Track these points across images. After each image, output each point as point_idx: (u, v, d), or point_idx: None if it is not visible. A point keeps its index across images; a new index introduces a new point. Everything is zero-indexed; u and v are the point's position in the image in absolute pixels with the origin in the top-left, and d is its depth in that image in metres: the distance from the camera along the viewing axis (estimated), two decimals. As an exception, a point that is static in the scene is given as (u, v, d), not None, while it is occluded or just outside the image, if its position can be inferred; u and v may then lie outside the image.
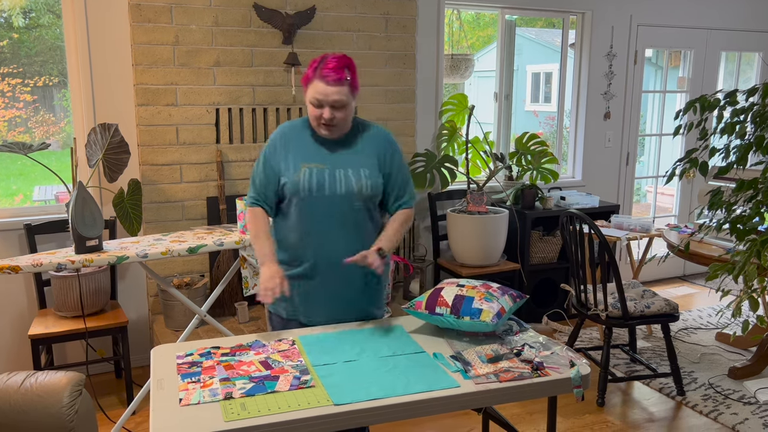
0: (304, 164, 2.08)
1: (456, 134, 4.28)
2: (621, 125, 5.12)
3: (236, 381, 1.70)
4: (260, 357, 1.85)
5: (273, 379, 1.72)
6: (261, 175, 2.14)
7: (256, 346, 1.93)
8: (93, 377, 3.65)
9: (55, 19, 3.53)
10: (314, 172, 2.06)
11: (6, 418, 1.89)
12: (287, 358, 1.84)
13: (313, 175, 2.06)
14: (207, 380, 1.71)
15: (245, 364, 1.81)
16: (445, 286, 2.13)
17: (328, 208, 2.07)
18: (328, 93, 1.97)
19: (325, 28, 3.82)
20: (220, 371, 1.76)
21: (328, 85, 1.97)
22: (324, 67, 1.98)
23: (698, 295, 5.16)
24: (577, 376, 1.78)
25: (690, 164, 2.00)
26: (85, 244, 2.62)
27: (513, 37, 4.68)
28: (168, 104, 3.52)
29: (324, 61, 1.99)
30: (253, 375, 1.74)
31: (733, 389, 3.48)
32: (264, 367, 1.79)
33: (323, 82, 1.97)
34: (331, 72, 1.97)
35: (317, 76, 1.98)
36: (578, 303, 3.46)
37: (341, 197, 2.07)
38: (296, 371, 1.76)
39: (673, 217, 5.65)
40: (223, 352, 1.88)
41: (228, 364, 1.80)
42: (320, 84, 1.98)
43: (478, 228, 3.98)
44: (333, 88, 1.97)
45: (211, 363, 1.81)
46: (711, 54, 5.41)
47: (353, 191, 2.07)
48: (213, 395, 1.63)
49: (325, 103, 1.99)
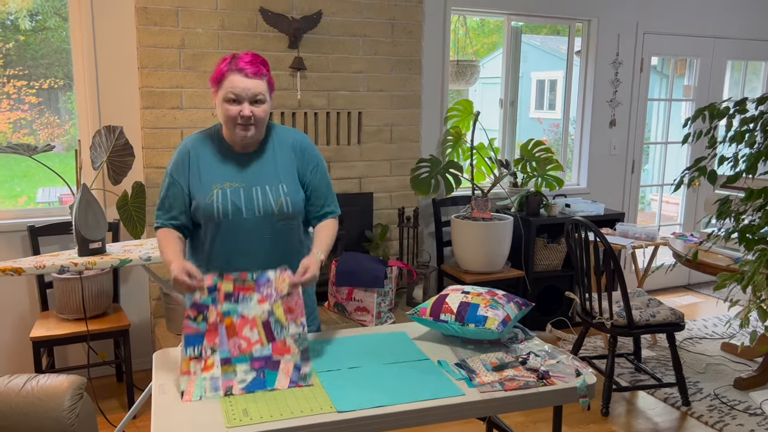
0: (216, 185, 1.89)
1: (461, 140, 4.26)
2: (626, 133, 5.11)
3: (237, 364, 1.67)
4: (264, 308, 1.75)
5: (274, 367, 1.69)
6: (167, 194, 1.94)
7: (262, 281, 1.77)
8: (94, 380, 3.63)
9: (62, 21, 3.54)
10: (228, 192, 1.88)
11: (7, 421, 1.87)
12: (291, 317, 1.75)
13: (227, 196, 1.88)
14: (209, 354, 1.68)
15: (248, 322, 1.73)
16: (450, 293, 2.11)
17: (247, 233, 1.89)
18: (248, 86, 1.82)
19: (331, 32, 3.82)
20: (221, 339, 1.70)
21: (247, 78, 1.82)
22: (239, 61, 1.84)
23: (703, 305, 5.12)
24: (583, 385, 1.76)
25: (698, 172, 1.98)
26: (89, 246, 2.62)
27: (519, 44, 4.67)
28: (173, 107, 3.52)
29: (237, 57, 1.86)
30: (254, 354, 1.70)
31: (738, 400, 3.44)
32: (266, 337, 1.72)
33: (241, 75, 1.82)
34: (248, 65, 1.84)
35: (232, 70, 1.83)
36: (583, 311, 3.44)
37: (260, 219, 1.90)
38: (297, 351, 1.73)
39: (678, 225, 5.62)
40: (227, 292, 1.74)
41: (230, 322, 1.72)
42: (238, 77, 1.82)
43: (483, 234, 3.96)
44: (252, 81, 1.83)
45: (215, 314, 1.72)
46: (717, 63, 5.40)
47: (272, 212, 1.90)
48: (214, 389, 1.62)
49: (244, 98, 1.83)
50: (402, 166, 4.16)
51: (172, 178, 1.94)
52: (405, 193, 4.19)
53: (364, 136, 4.01)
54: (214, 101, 1.91)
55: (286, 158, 1.98)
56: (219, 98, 1.87)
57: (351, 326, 3.47)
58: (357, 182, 4.04)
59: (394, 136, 4.11)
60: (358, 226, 4.05)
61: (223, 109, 1.86)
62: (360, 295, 3.51)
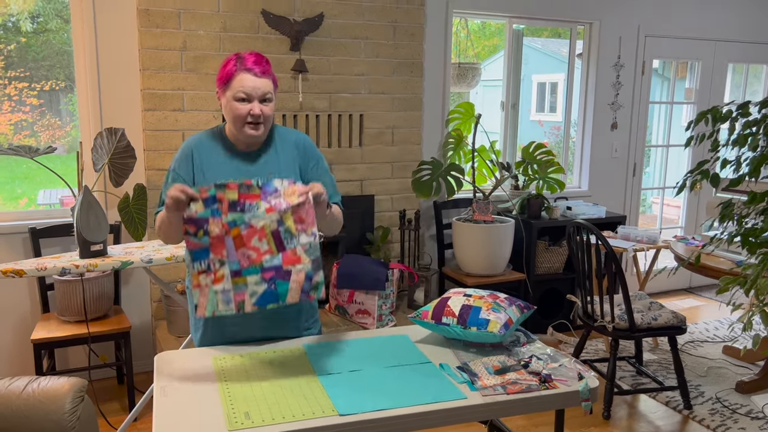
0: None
1: (462, 143, 4.26)
2: (628, 136, 5.11)
3: (248, 276, 1.64)
4: (272, 217, 1.70)
5: (285, 277, 1.66)
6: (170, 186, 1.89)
7: (268, 190, 1.72)
8: (95, 383, 3.62)
9: (63, 23, 3.54)
10: None
11: (8, 423, 1.87)
12: (301, 227, 1.70)
13: None
14: (217, 267, 1.64)
15: (257, 232, 1.68)
16: (452, 296, 2.10)
17: None
18: (257, 85, 1.85)
19: (333, 35, 3.82)
20: (229, 250, 1.66)
21: (257, 77, 1.86)
22: (246, 61, 1.87)
23: (705, 308, 5.12)
24: (586, 389, 1.76)
25: (701, 176, 1.98)
26: (90, 248, 2.61)
27: (520, 47, 4.67)
28: (175, 109, 3.52)
29: (242, 57, 1.88)
30: (264, 264, 1.67)
31: (740, 404, 3.44)
32: (276, 246, 1.68)
33: (250, 74, 1.85)
34: (255, 65, 1.86)
35: (241, 70, 1.86)
36: (584, 314, 3.44)
37: None
38: (308, 260, 1.69)
39: (680, 228, 5.61)
40: (231, 201, 1.69)
41: (237, 233, 1.67)
42: (247, 76, 1.85)
43: (484, 237, 3.96)
44: (261, 80, 1.86)
45: (219, 227, 1.67)
46: (718, 65, 5.40)
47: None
48: (226, 302, 1.60)
49: (254, 97, 1.86)
50: (403, 169, 4.16)
51: (175, 173, 1.94)
52: (406, 195, 4.19)
53: (365, 139, 4.01)
54: (219, 101, 1.92)
55: (289, 156, 2.00)
56: (227, 97, 1.89)
57: (352, 329, 3.46)
58: (358, 184, 4.04)
59: (396, 139, 4.11)
60: (360, 229, 4.04)
61: (233, 108, 1.87)
62: (361, 298, 3.50)
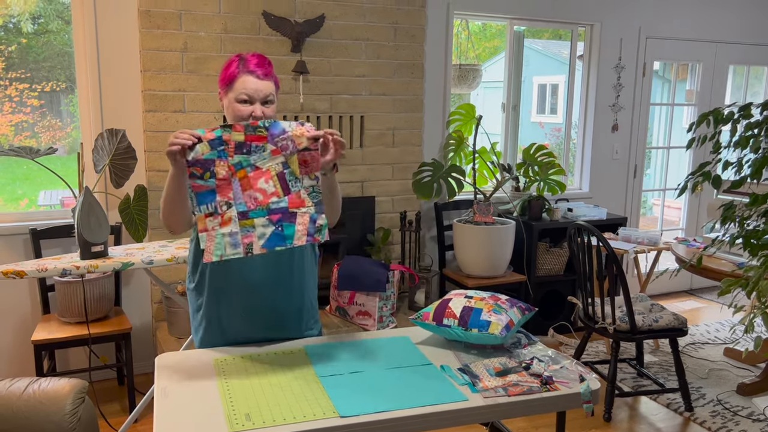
0: None
1: (463, 144, 4.26)
2: (629, 137, 5.10)
3: (255, 218, 1.64)
4: (278, 160, 1.71)
5: (291, 219, 1.67)
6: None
7: (276, 131, 1.72)
8: (95, 384, 3.62)
9: (64, 25, 3.54)
10: None
11: (8, 424, 1.87)
12: (306, 169, 1.71)
13: None
14: (224, 210, 1.64)
15: (262, 174, 1.69)
16: (453, 298, 2.10)
17: None
18: (259, 88, 1.86)
19: (334, 36, 3.82)
20: (236, 192, 1.66)
21: (259, 80, 1.86)
22: (248, 63, 1.87)
23: (705, 310, 5.11)
24: (587, 391, 1.75)
25: (703, 177, 1.97)
26: (91, 249, 2.61)
27: (521, 48, 4.67)
28: (176, 111, 3.52)
29: (245, 59, 1.89)
30: (271, 206, 1.67)
31: (741, 406, 3.43)
32: (282, 189, 1.69)
33: (253, 76, 1.86)
34: (258, 67, 1.87)
35: (243, 72, 1.87)
36: (585, 316, 3.43)
37: None
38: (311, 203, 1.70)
39: (680, 230, 5.61)
40: (238, 142, 1.69)
41: (243, 175, 1.68)
42: (250, 79, 1.86)
43: (485, 239, 3.96)
44: (264, 82, 1.87)
45: (225, 168, 1.68)
46: (719, 67, 5.40)
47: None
48: (234, 246, 1.60)
49: (256, 99, 1.86)
50: (404, 170, 4.16)
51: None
52: (407, 197, 4.19)
53: (366, 140, 4.01)
54: (221, 102, 1.93)
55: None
56: (229, 99, 1.89)
57: (352, 330, 3.46)
58: (359, 186, 4.04)
59: (397, 140, 4.11)
60: (360, 230, 4.04)
61: (235, 109, 1.89)
62: (362, 299, 3.50)
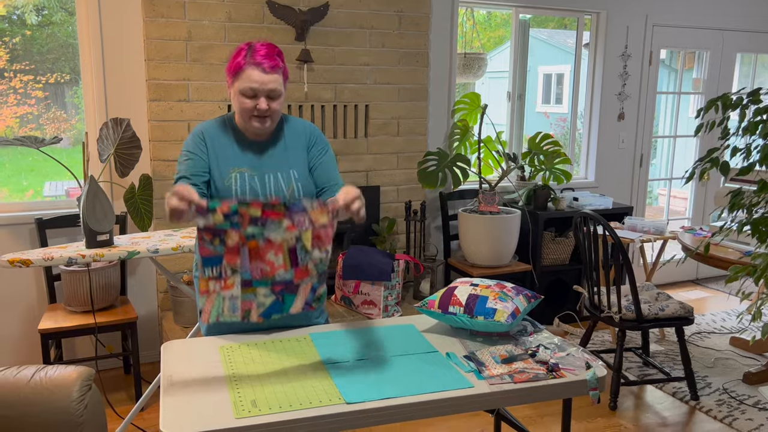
0: (233, 169, 1.91)
1: (468, 133, 4.24)
2: (635, 126, 5.07)
3: (258, 287, 1.62)
4: (293, 235, 1.68)
5: (293, 290, 1.66)
6: (185, 164, 1.90)
7: (295, 209, 1.68)
8: (102, 373, 3.64)
9: (68, 16, 3.53)
10: (245, 177, 1.91)
11: (15, 411, 1.88)
12: (317, 243, 1.70)
13: (245, 181, 1.91)
14: (229, 275, 1.62)
15: (273, 247, 1.66)
16: (459, 285, 2.10)
17: None
18: (264, 81, 1.82)
19: (338, 25, 3.80)
20: (243, 260, 1.64)
21: (265, 73, 1.82)
22: (255, 54, 1.82)
23: (711, 299, 5.09)
24: (594, 378, 1.75)
25: (711, 164, 1.96)
26: (96, 238, 2.62)
27: (527, 37, 4.64)
28: (180, 100, 3.51)
29: (253, 49, 1.84)
30: (276, 278, 1.66)
31: (747, 394, 3.42)
32: (291, 261, 1.67)
33: (258, 69, 1.81)
34: (265, 59, 1.82)
35: (249, 63, 1.82)
36: (591, 305, 3.42)
37: None
38: (315, 273, 1.69)
39: (686, 220, 5.58)
40: (253, 216, 1.65)
41: (254, 245, 1.65)
42: (255, 72, 1.82)
43: (490, 228, 3.95)
44: (269, 75, 1.83)
45: (236, 238, 1.64)
46: (727, 55, 5.35)
47: (284, 198, 1.92)
48: (232, 310, 1.58)
49: (261, 93, 1.83)
50: (409, 160, 4.15)
51: (190, 153, 1.91)
52: (412, 186, 4.18)
53: (371, 129, 4.00)
54: (228, 90, 1.91)
55: (298, 144, 2.00)
56: (235, 89, 1.87)
57: (358, 319, 3.46)
58: (364, 175, 4.03)
59: (401, 129, 4.09)
60: (365, 220, 4.03)
61: (239, 101, 1.86)
62: (367, 289, 3.50)
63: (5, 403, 1.88)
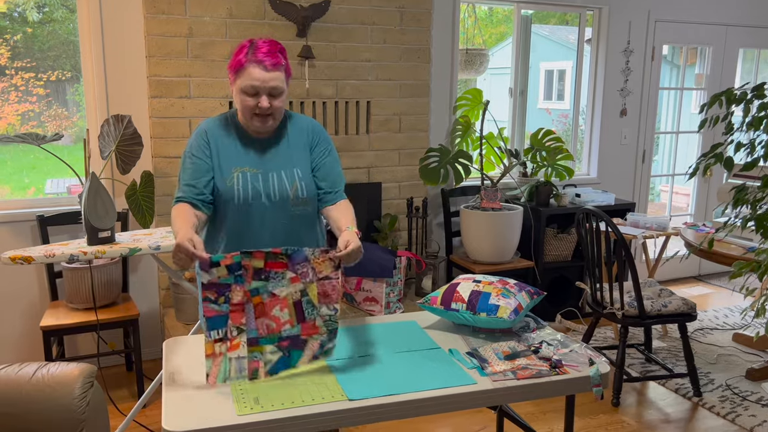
0: (235, 169, 1.90)
1: (470, 130, 4.23)
2: (637, 122, 5.06)
3: (264, 345, 1.61)
4: (297, 287, 1.67)
5: (300, 346, 1.65)
6: (189, 169, 1.90)
7: (297, 259, 1.67)
8: (104, 370, 3.64)
9: (69, 13, 3.52)
10: (248, 176, 1.89)
11: (17, 408, 1.87)
12: (324, 299, 1.69)
13: (248, 180, 1.89)
14: (234, 334, 1.60)
15: (278, 302, 1.65)
16: (461, 282, 2.09)
17: (264, 218, 1.90)
18: (266, 79, 1.80)
19: (340, 21, 3.79)
20: (249, 318, 1.62)
21: (266, 71, 1.80)
22: (257, 52, 1.80)
23: (714, 295, 5.08)
24: (597, 374, 1.74)
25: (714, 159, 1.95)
26: (98, 235, 2.61)
27: (528, 33, 4.62)
28: (181, 96, 3.50)
29: (255, 46, 1.82)
30: (282, 334, 1.64)
31: (751, 391, 3.42)
32: (297, 318, 1.66)
33: (260, 67, 1.79)
34: (267, 57, 1.80)
35: (250, 61, 1.80)
36: (593, 301, 3.42)
37: (277, 204, 1.91)
38: (325, 330, 1.67)
39: (689, 216, 5.57)
40: (257, 268, 1.64)
41: (259, 301, 1.64)
42: (256, 70, 1.80)
43: (492, 225, 3.94)
44: (271, 73, 1.81)
45: (241, 294, 1.63)
46: (729, 51, 5.33)
47: (287, 196, 1.91)
48: (239, 371, 1.57)
49: (262, 91, 1.81)
50: (411, 156, 4.14)
51: (194, 157, 1.91)
52: (414, 183, 4.17)
53: (372, 126, 3.99)
54: (231, 88, 1.89)
55: (301, 142, 1.98)
56: (237, 87, 1.85)
57: (360, 316, 3.46)
58: (366, 172, 4.02)
59: (403, 126, 4.08)
60: (367, 216, 4.03)
61: (241, 99, 1.85)
62: (369, 285, 3.49)
63: (7, 400, 1.88)
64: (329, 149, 2.02)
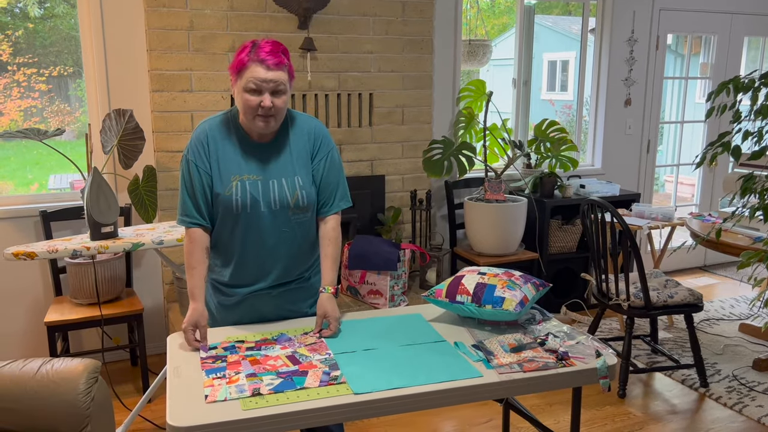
0: (234, 176, 1.88)
1: (473, 121, 4.21)
2: (642, 112, 5.02)
3: (263, 377, 1.63)
4: (287, 351, 1.78)
5: (301, 374, 1.65)
6: (190, 185, 1.89)
7: (282, 339, 1.84)
8: (108, 365, 3.64)
9: (70, 9, 3.51)
10: (247, 185, 1.88)
11: (22, 404, 1.87)
12: (315, 352, 1.77)
13: (246, 188, 1.87)
14: (233, 376, 1.63)
15: (272, 358, 1.73)
16: (466, 274, 2.08)
17: (264, 226, 1.90)
18: (268, 78, 1.79)
19: (342, 12, 3.76)
20: (246, 366, 1.68)
21: (269, 70, 1.79)
22: (260, 51, 1.80)
23: (720, 286, 5.06)
24: (604, 366, 1.73)
25: (722, 148, 1.92)
26: (101, 230, 2.61)
27: (532, 23, 4.58)
28: (183, 90, 3.48)
29: (257, 45, 1.81)
30: (281, 370, 1.66)
31: (757, 381, 3.40)
32: (291, 362, 1.71)
33: (262, 66, 1.79)
34: (269, 56, 1.79)
35: (253, 60, 1.79)
36: (599, 293, 3.40)
37: (277, 212, 1.90)
38: (325, 366, 1.69)
39: (694, 206, 5.54)
40: (248, 346, 1.80)
41: (254, 359, 1.72)
42: (259, 68, 1.79)
43: (496, 217, 3.92)
44: (273, 72, 1.80)
45: (237, 357, 1.73)
46: (734, 39, 5.28)
47: (288, 205, 1.90)
48: (240, 391, 1.56)
49: (265, 89, 1.80)
50: (414, 148, 4.12)
51: (194, 165, 1.89)
52: (417, 175, 4.15)
53: (375, 118, 3.96)
54: (233, 88, 1.87)
55: (302, 148, 1.95)
56: (238, 87, 1.83)
57: (364, 309, 3.45)
58: (369, 165, 4.00)
59: (406, 118, 4.06)
60: (371, 209, 4.02)
61: (243, 98, 1.83)
62: (373, 279, 3.48)
63: (12, 396, 1.88)
64: (330, 156, 1.99)
